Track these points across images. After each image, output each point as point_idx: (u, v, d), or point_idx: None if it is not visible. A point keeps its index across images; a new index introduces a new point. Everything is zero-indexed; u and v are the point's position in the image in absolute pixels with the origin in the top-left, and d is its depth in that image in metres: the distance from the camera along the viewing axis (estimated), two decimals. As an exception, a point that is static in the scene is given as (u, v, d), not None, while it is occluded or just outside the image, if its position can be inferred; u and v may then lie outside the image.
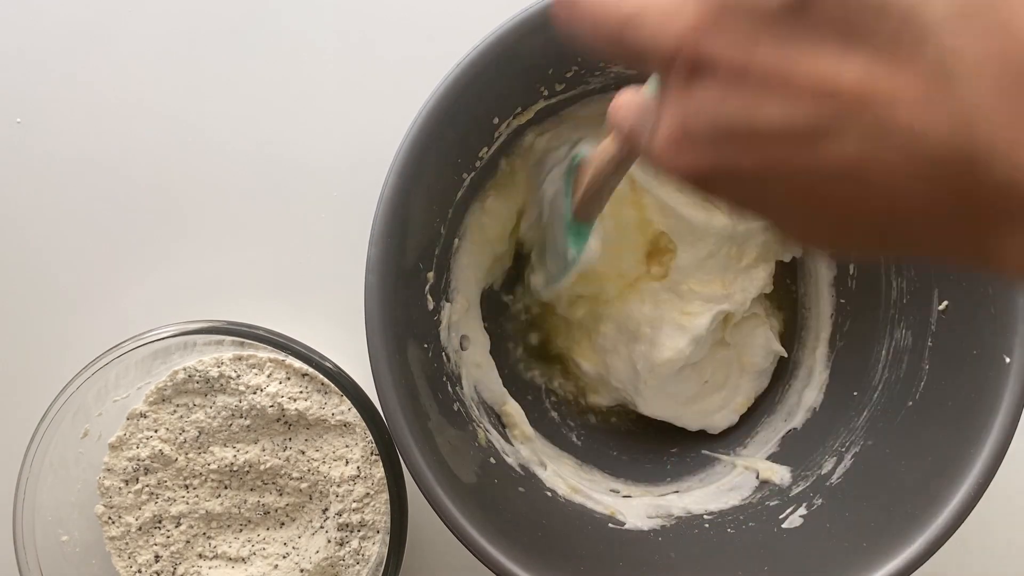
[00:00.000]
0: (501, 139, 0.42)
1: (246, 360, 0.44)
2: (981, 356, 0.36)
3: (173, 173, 0.49)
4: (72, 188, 0.49)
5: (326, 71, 0.49)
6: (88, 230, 0.49)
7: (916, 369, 0.40)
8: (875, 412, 0.41)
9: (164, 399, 0.44)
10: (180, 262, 0.49)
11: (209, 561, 0.44)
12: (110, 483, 0.43)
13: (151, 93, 0.49)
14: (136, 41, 0.49)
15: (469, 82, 0.36)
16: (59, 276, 0.49)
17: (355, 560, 0.43)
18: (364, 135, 0.49)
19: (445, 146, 0.37)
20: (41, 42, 0.49)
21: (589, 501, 0.44)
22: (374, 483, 0.43)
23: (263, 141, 0.49)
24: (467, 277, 0.45)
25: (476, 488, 0.38)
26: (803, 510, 0.41)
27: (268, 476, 0.44)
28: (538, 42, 0.36)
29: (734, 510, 0.43)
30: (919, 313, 0.40)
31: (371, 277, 0.35)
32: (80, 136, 0.49)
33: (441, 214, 0.41)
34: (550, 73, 0.40)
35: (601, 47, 0.22)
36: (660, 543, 0.42)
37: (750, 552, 0.40)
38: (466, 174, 0.41)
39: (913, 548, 0.35)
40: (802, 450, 0.45)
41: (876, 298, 0.43)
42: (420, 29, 0.49)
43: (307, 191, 0.49)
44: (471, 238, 0.44)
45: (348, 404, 0.43)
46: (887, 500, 0.38)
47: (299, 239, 0.49)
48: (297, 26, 0.49)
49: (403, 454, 0.35)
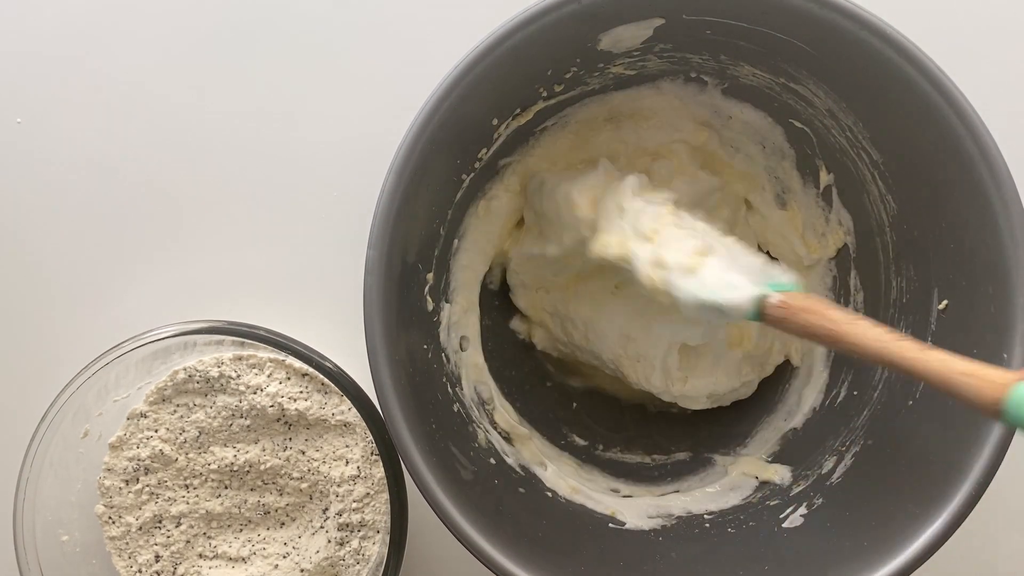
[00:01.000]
0: (500, 140, 0.42)
1: (246, 360, 0.44)
2: (981, 355, 0.36)
3: (174, 173, 0.49)
4: (72, 188, 0.49)
5: (326, 71, 0.49)
6: (88, 230, 0.49)
7: (916, 369, 0.40)
8: (875, 411, 0.42)
9: (164, 399, 0.44)
10: (180, 262, 0.49)
11: (209, 561, 0.44)
12: (110, 483, 0.43)
13: (151, 93, 0.49)
14: (137, 42, 0.49)
15: (467, 84, 0.36)
16: (59, 276, 0.49)
17: (355, 560, 0.43)
18: (365, 135, 0.49)
19: (443, 147, 0.37)
20: (41, 42, 0.49)
21: (590, 501, 0.44)
22: (374, 483, 0.43)
23: (263, 141, 0.49)
24: (467, 278, 0.45)
25: (476, 489, 0.38)
26: (804, 509, 0.41)
27: (268, 476, 0.44)
28: (537, 43, 0.36)
29: (735, 510, 0.43)
30: (919, 312, 0.40)
31: (370, 279, 0.35)
32: (80, 136, 0.49)
33: (440, 215, 0.41)
34: (549, 74, 0.40)
35: None
36: (661, 543, 0.42)
37: (751, 552, 0.41)
38: (465, 175, 0.41)
39: (914, 547, 0.35)
40: (802, 450, 0.45)
41: (876, 298, 0.43)
42: (421, 29, 0.49)
43: (308, 191, 0.49)
44: (471, 239, 0.44)
45: (348, 404, 0.43)
46: (887, 499, 0.38)
47: (299, 239, 0.49)
48: (297, 27, 0.49)
49: (403, 456, 0.35)
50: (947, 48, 0.37)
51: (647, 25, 0.38)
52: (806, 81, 0.39)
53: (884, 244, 0.42)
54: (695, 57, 0.40)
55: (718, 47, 0.39)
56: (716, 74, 0.42)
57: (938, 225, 0.38)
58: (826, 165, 0.43)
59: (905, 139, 0.38)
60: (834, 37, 0.36)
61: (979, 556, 0.48)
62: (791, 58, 0.38)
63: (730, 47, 0.39)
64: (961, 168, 0.36)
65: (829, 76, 0.38)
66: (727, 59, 0.40)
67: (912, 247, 0.40)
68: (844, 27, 0.35)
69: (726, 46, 0.39)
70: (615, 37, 0.38)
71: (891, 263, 0.41)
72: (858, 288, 0.44)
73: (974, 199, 0.36)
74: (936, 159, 0.37)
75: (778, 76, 0.40)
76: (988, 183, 0.35)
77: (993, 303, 0.36)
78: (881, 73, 0.36)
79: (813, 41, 0.37)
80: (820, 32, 0.36)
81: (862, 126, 0.39)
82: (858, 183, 0.41)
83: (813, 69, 0.38)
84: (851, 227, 0.44)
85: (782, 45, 0.37)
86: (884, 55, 0.35)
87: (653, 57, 0.40)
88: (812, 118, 0.41)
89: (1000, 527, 0.48)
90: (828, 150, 0.42)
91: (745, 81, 0.41)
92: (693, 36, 0.39)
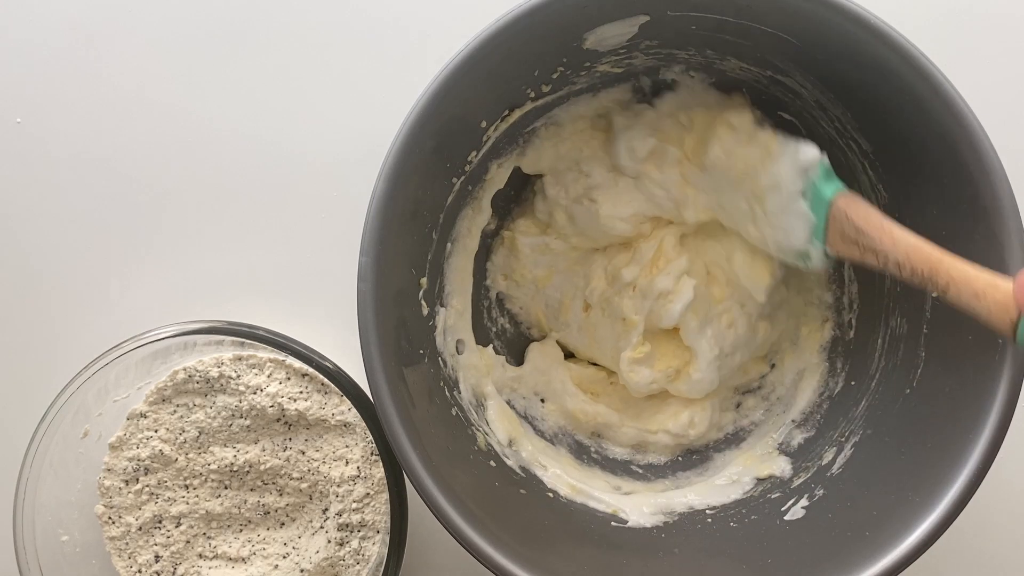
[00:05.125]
0: (490, 143, 0.42)
1: (246, 360, 0.44)
2: (976, 342, 0.36)
3: (173, 174, 0.49)
4: (72, 188, 0.49)
5: (326, 71, 0.50)
6: (88, 230, 0.49)
7: (913, 357, 0.40)
8: (873, 401, 0.41)
9: (164, 399, 0.44)
10: (180, 262, 0.49)
11: (209, 561, 0.44)
12: (110, 483, 0.43)
13: (151, 94, 0.49)
14: (136, 42, 0.50)
15: (454, 87, 0.36)
16: (59, 276, 0.49)
17: (355, 560, 0.43)
18: (364, 135, 0.49)
19: (432, 151, 0.37)
20: (41, 42, 0.50)
21: (591, 500, 0.44)
22: (374, 483, 0.43)
23: (263, 141, 0.49)
24: (461, 281, 0.45)
25: (476, 491, 0.38)
26: (805, 501, 0.41)
27: (268, 476, 0.44)
28: (523, 44, 0.37)
29: (736, 504, 0.43)
30: (914, 301, 0.40)
31: (363, 285, 0.35)
32: (80, 136, 0.49)
33: (432, 219, 0.41)
34: (536, 75, 0.40)
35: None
36: (663, 539, 0.42)
37: (753, 545, 0.40)
38: (456, 179, 0.41)
39: (916, 535, 0.35)
40: (802, 441, 0.44)
41: (870, 288, 0.43)
42: (420, 29, 0.50)
43: (307, 191, 0.49)
44: (464, 243, 0.45)
45: (348, 404, 0.43)
46: (888, 488, 0.38)
47: (299, 239, 0.49)
48: (296, 27, 0.50)
49: (401, 462, 0.35)
50: (932, 36, 0.38)
51: (632, 22, 0.38)
52: (793, 73, 0.40)
53: (876, 234, 0.42)
54: (681, 53, 0.41)
55: (704, 42, 0.40)
56: (703, 69, 0.42)
57: (929, 212, 0.38)
58: (816, 156, 0.43)
59: (893, 128, 0.38)
60: (818, 28, 0.36)
61: (978, 541, 0.47)
62: (777, 51, 0.39)
63: (716, 42, 0.39)
64: (950, 155, 0.36)
65: (815, 68, 0.39)
66: (714, 54, 0.41)
67: (904, 235, 0.40)
68: (828, 18, 0.36)
69: (712, 41, 0.39)
70: (600, 36, 0.38)
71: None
72: (852, 279, 0.44)
73: (964, 186, 0.36)
74: (924, 146, 0.37)
75: (765, 69, 0.40)
76: (977, 170, 0.35)
77: (986, 289, 0.36)
78: (866, 63, 0.36)
79: (798, 33, 0.37)
80: (804, 24, 0.36)
81: (850, 116, 0.40)
82: (848, 173, 0.42)
83: (799, 61, 0.39)
84: (843, 218, 0.44)
85: (767, 38, 0.38)
86: (868, 45, 0.36)
87: (639, 54, 0.41)
88: (800, 110, 0.42)
89: (999, 512, 0.47)
90: (818, 141, 0.42)
91: (733, 75, 0.42)
92: (679, 32, 0.39)
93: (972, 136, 0.35)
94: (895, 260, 0.35)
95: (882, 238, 0.35)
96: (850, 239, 0.37)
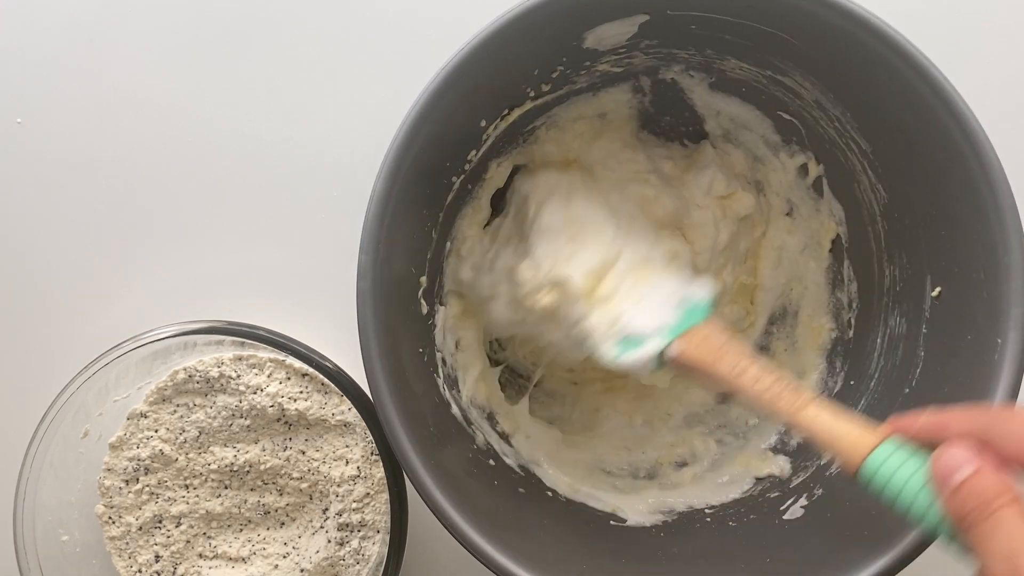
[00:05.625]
0: (489, 142, 0.42)
1: (246, 360, 0.44)
2: (975, 340, 0.36)
3: (173, 173, 0.49)
4: (72, 188, 0.49)
5: (326, 70, 0.50)
6: (88, 230, 0.49)
7: (912, 356, 0.40)
8: (872, 400, 0.41)
9: (164, 399, 0.44)
10: (180, 262, 0.49)
11: (209, 561, 0.44)
12: (110, 483, 0.43)
13: (151, 93, 0.49)
14: (136, 42, 0.50)
15: (453, 87, 0.36)
16: (59, 276, 0.49)
17: (355, 560, 0.43)
18: (364, 134, 0.49)
19: (431, 151, 0.37)
20: (41, 42, 0.49)
21: (590, 499, 0.44)
22: (374, 483, 0.43)
23: (263, 141, 0.49)
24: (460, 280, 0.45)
25: (476, 491, 0.38)
26: (804, 500, 0.41)
27: (268, 476, 0.44)
28: (523, 44, 0.37)
29: (735, 503, 0.43)
30: (913, 300, 0.40)
31: (362, 284, 0.35)
32: (80, 136, 0.49)
33: (432, 218, 0.41)
34: (536, 74, 0.40)
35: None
36: (662, 538, 0.42)
37: (752, 544, 0.40)
38: (455, 178, 0.41)
39: (915, 534, 0.34)
40: (801, 440, 0.44)
41: (869, 287, 0.43)
42: (420, 28, 0.49)
43: (307, 191, 0.49)
44: (463, 242, 0.45)
45: (348, 404, 0.43)
46: (888, 488, 0.38)
47: (299, 239, 0.49)
48: (296, 27, 0.50)
49: (401, 461, 0.35)
50: (932, 36, 0.38)
51: (632, 22, 0.38)
52: (793, 73, 0.40)
53: (876, 233, 0.42)
54: (681, 52, 0.41)
55: (704, 42, 0.40)
56: (703, 69, 0.42)
57: (928, 213, 0.38)
58: (816, 156, 0.43)
59: (893, 128, 0.38)
60: (818, 28, 0.36)
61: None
62: (777, 50, 0.39)
63: (716, 41, 0.39)
64: (949, 155, 0.36)
65: (815, 67, 0.39)
66: (713, 53, 0.41)
67: (904, 235, 0.40)
68: (828, 18, 0.36)
69: (712, 40, 0.39)
70: (600, 35, 0.39)
71: (883, 252, 0.42)
72: (851, 278, 0.44)
73: (963, 185, 0.36)
74: (924, 147, 0.37)
75: (765, 69, 0.40)
76: (976, 169, 0.35)
77: (985, 288, 0.36)
78: (866, 63, 0.36)
79: (798, 33, 0.37)
80: (804, 23, 0.36)
81: (850, 116, 0.40)
82: (848, 173, 0.42)
83: (799, 61, 0.39)
84: (843, 217, 0.44)
85: (767, 38, 0.38)
86: (868, 44, 0.36)
87: (639, 54, 0.41)
88: (800, 110, 0.42)
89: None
90: (817, 141, 0.43)
91: (732, 75, 0.42)
92: (678, 31, 0.39)
93: (972, 136, 0.35)
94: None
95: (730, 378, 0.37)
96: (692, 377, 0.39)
